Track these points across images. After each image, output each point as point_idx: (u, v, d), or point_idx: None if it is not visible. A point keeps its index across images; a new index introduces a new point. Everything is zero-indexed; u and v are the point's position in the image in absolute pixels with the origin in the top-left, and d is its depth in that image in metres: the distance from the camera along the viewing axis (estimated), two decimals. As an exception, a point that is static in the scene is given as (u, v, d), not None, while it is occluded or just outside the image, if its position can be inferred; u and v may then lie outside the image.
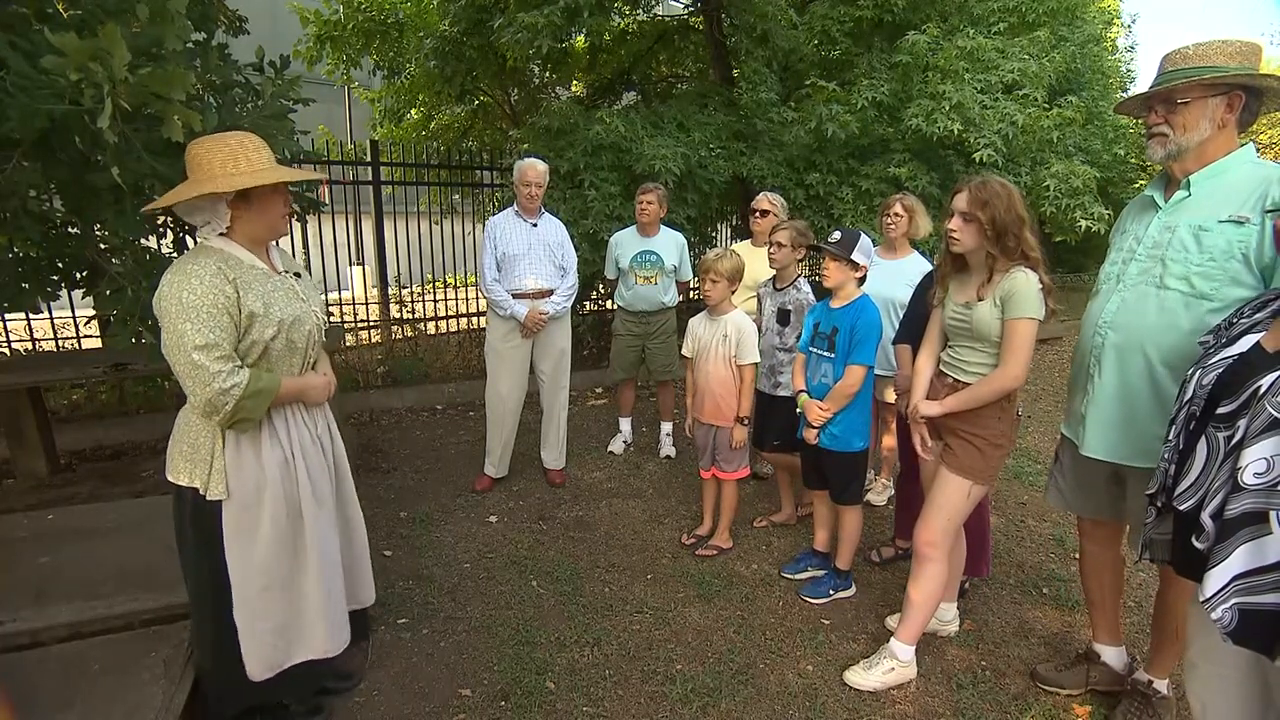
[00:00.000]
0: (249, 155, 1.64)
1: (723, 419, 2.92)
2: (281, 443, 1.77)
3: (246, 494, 1.71)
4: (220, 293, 1.58)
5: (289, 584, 1.81)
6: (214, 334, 1.56)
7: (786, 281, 3.08)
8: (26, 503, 3.24)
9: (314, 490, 1.84)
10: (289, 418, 1.80)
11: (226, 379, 1.56)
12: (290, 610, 1.83)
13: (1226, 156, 1.73)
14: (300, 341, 1.78)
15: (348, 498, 2.08)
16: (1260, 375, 1.29)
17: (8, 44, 1.74)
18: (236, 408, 1.59)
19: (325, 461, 1.92)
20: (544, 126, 5.46)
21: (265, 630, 1.78)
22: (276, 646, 1.81)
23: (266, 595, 1.77)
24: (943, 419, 2.11)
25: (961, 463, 2.06)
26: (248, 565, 1.73)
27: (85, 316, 4.17)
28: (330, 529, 1.91)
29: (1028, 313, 1.91)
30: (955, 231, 2.00)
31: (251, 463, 1.71)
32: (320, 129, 6.96)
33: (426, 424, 4.91)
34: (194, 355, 1.54)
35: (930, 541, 2.12)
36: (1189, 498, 1.40)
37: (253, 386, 1.61)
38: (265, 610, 1.77)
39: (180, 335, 1.54)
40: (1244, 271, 1.64)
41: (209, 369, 1.54)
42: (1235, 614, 1.25)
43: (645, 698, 2.17)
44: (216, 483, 1.68)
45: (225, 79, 2.59)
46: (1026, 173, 5.44)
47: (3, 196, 1.91)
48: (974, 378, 2.06)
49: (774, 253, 3.04)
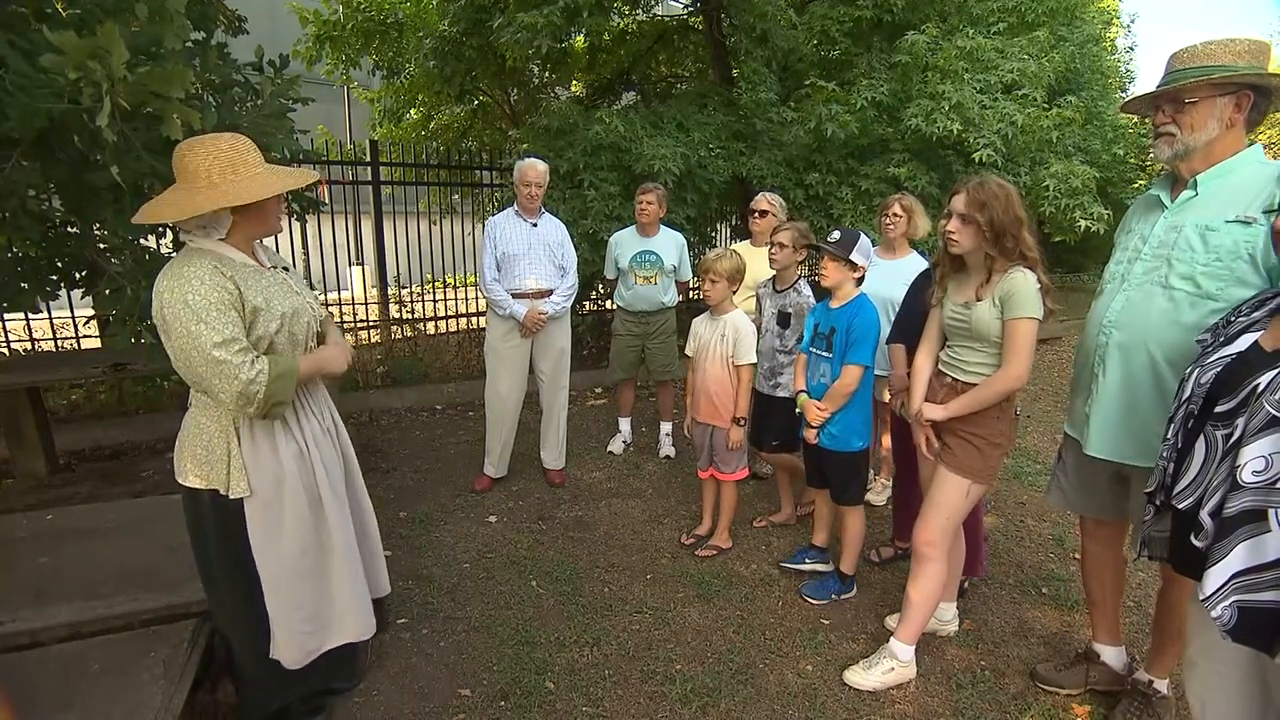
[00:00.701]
0: (247, 161, 1.63)
1: (719, 419, 2.92)
2: (295, 435, 1.79)
3: (267, 489, 1.73)
4: (224, 290, 1.58)
5: (318, 572, 1.85)
6: (228, 329, 1.56)
7: (787, 283, 3.07)
8: (26, 503, 3.24)
9: (329, 480, 1.86)
10: (299, 410, 1.82)
11: (251, 368, 1.57)
12: (322, 597, 1.87)
13: (1234, 156, 1.72)
14: (300, 334, 1.80)
15: (358, 488, 2.11)
16: (1258, 373, 1.29)
17: (7, 43, 1.74)
18: (268, 394, 1.60)
19: (335, 452, 1.95)
20: (544, 126, 5.46)
21: (300, 619, 1.82)
22: (311, 634, 1.86)
23: (298, 585, 1.80)
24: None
25: (960, 462, 2.06)
26: (277, 558, 1.76)
27: (85, 316, 4.17)
28: (346, 518, 1.94)
29: (1027, 312, 1.91)
30: (953, 233, 2.00)
31: (269, 457, 1.73)
32: (320, 129, 6.96)
33: (426, 424, 4.91)
34: (214, 353, 1.53)
35: (929, 541, 2.12)
36: (1188, 496, 1.40)
37: (275, 370, 1.62)
38: (299, 599, 1.81)
39: (195, 338, 1.52)
40: (1250, 272, 1.63)
41: (233, 363, 1.54)
42: (1234, 612, 1.25)
43: (645, 698, 2.17)
44: (238, 481, 1.69)
45: (224, 78, 2.59)
46: (1026, 173, 5.44)
47: (2, 196, 1.90)
48: (973, 377, 2.06)
49: (775, 253, 3.04)
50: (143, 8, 1.77)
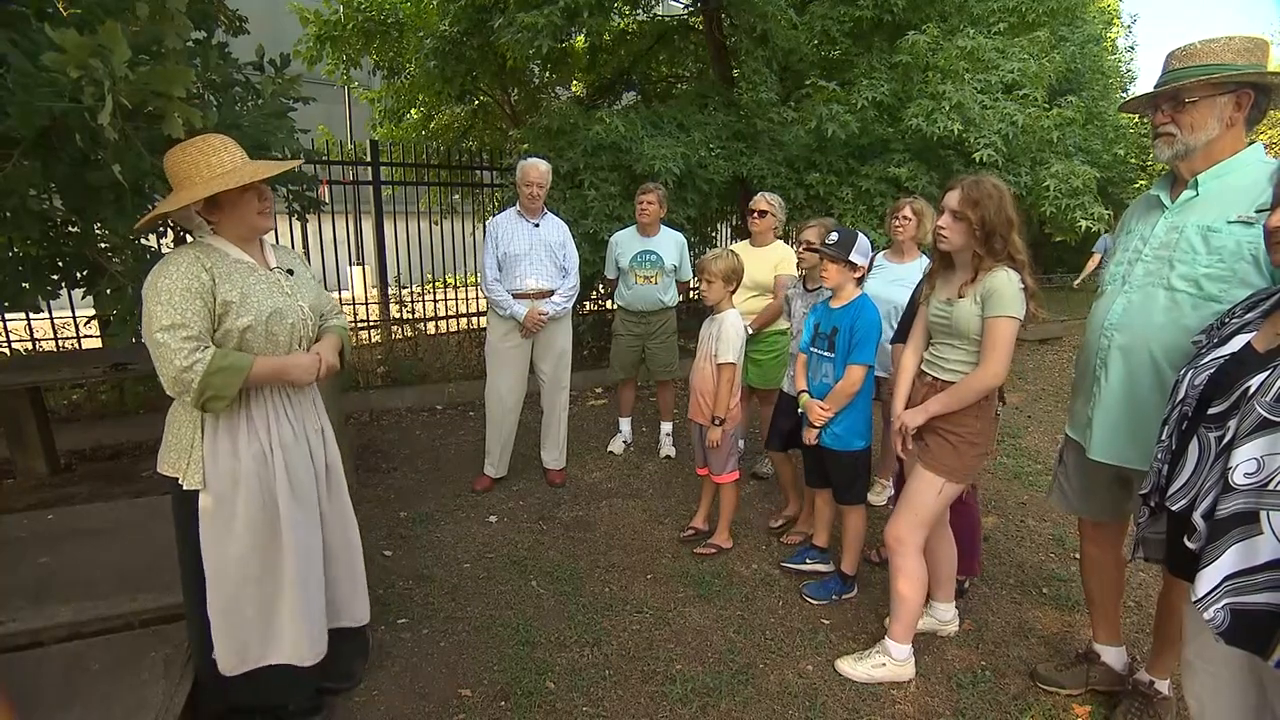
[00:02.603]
0: (209, 160, 1.64)
1: (703, 418, 2.94)
2: (260, 436, 1.76)
3: (221, 485, 1.71)
4: (194, 278, 1.60)
5: (262, 580, 1.79)
6: (181, 315, 1.57)
7: (817, 282, 3.04)
8: (26, 503, 3.24)
9: (293, 489, 1.81)
10: (270, 412, 1.79)
11: (187, 357, 1.56)
12: (264, 608, 1.81)
13: (1235, 156, 1.70)
14: (282, 335, 1.77)
15: (341, 506, 2.03)
16: (1250, 375, 1.29)
17: (8, 41, 1.74)
18: (203, 384, 1.58)
19: (309, 462, 1.88)
20: (544, 126, 5.46)
21: (236, 624, 1.78)
22: (248, 643, 1.81)
23: (241, 588, 1.76)
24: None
25: (936, 460, 2.07)
26: (222, 557, 1.74)
27: (85, 316, 4.16)
28: (311, 533, 1.87)
29: (1007, 311, 1.91)
30: (944, 229, 2.01)
31: (228, 454, 1.71)
32: (320, 129, 6.96)
33: (426, 424, 4.91)
34: (157, 335, 1.56)
35: (898, 537, 2.13)
36: (1181, 498, 1.40)
37: (217, 364, 1.60)
38: (237, 604, 1.77)
39: (150, 317, 1.57)
40: (1253, 273, 1.61)
41: (170, 347, 1.55)
42: (1227, 614, 1.25)
43: (645, 698, 2.17)
44: (194, 472, 1.69)
45: (225, 77, 2.59)
46: (1026, 173, 5.44)
47: (3, 195, 1.90)
48: (953, 375, 2.06)
49: (802, 252, 3.03)
50: (144, 7, 1.77)
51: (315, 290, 1.95)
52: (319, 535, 1.92)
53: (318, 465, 1.92)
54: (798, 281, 3.20)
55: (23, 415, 3.50)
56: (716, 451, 2.92)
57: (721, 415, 2.86)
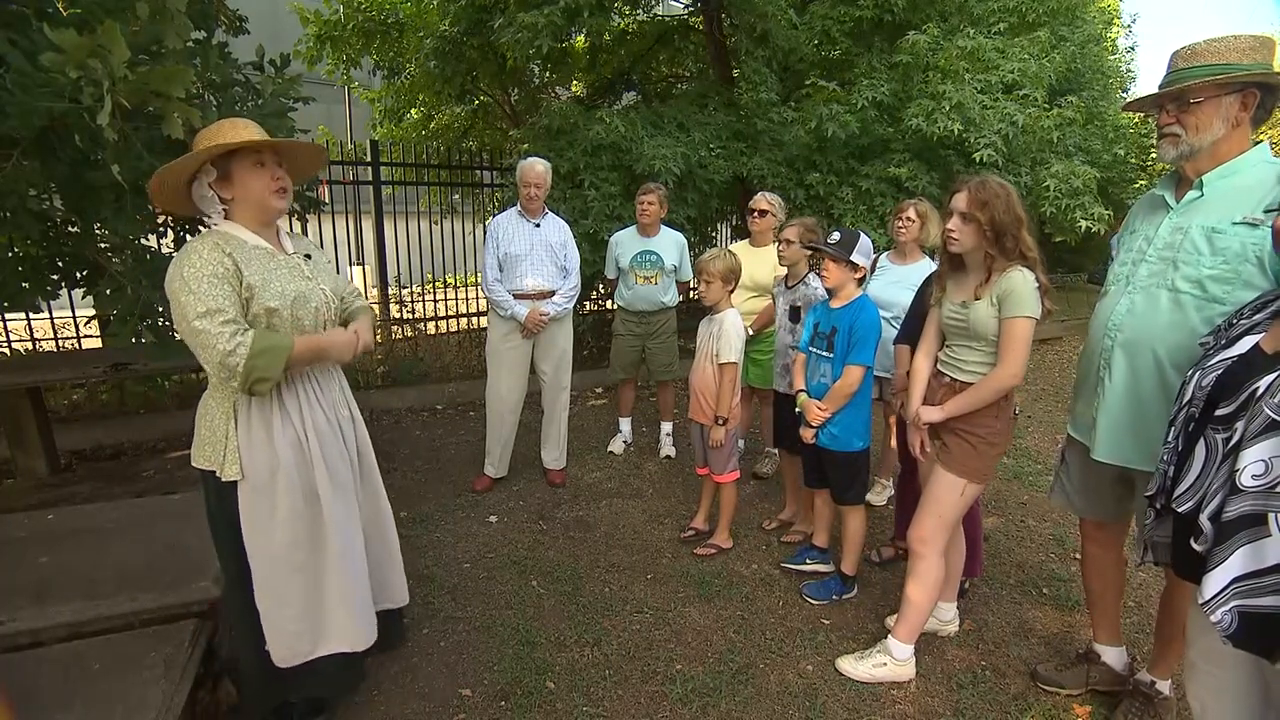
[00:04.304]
0: (224, 130, 1.64)
1: (704, 417, 2.94)
2: (294, 424, 1.75)
3: (260, 476, 1.70)
4: (218, 264, 1.58)
5: (309, 569, 1.79)
6: (214, 301, 1.56)
7: (797, 278, 3.07)
8: (26, 503, 3.23)
9: (330, 475, 1.80)
10: (302, 398, 1.78)
11: (229, 340, 1.55)
12: (313, 597, 1.80)
13: (1241, 156, 1.69)
14: (308, 319, 1.77)
15: (375, 491, 2.06)
16: (1258, 377, 1.28)
17: (7, 41, 1.74)
18: (249, 367, 1.57)
19: (343, 448, 1.89)
20: (544, 126, 5.45)
21: (288, 617, 1.77)
22: (301, 635, 1.80)
23: (288, 579, 1.75)
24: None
25: (956, 461, 2.07)
26: (267, 549, 1.72)
27: (85, 316, 4.16)
28: (350, 518, 1.88)
29: (1024, 311, 1.91)
30: (954, 231, 2.00)
31: (263, 443, 1.70)
32: (320, 129, 6.97)
33: (426, 424, 4.91)
34: (195, 323, 1.54)
35: (922, 538, 2.13)
36: (1187, 500, 1.39)
37: (259, 344, 1.59)
38: (287, 595, 1.76)
39: (182, 308, 1.55)
40: (1258, 274, 1.60)
41: (211, 333, 1.54)
42: (1234, 617, 1.24)
43: (645, 698, 2.17)
44: (231, 464, 1.67)
45: (225, 77, 2.59)
46: (1027, 173, 5.44)
47: (2, 195, 1.90)
48: (971, 377, 2.06)
49: (783, 249, 3.04)
50: (144, 7, 1.77)
51: (332, 274, 1.95)
52: (358, 520, 1.92)
53: (350, 450, 1.92)
54: (780, 279, 3.21)
55: (23, 415, 3.49)
56: (718, 451, 2.92)
57: (724, 415, 2.86)
